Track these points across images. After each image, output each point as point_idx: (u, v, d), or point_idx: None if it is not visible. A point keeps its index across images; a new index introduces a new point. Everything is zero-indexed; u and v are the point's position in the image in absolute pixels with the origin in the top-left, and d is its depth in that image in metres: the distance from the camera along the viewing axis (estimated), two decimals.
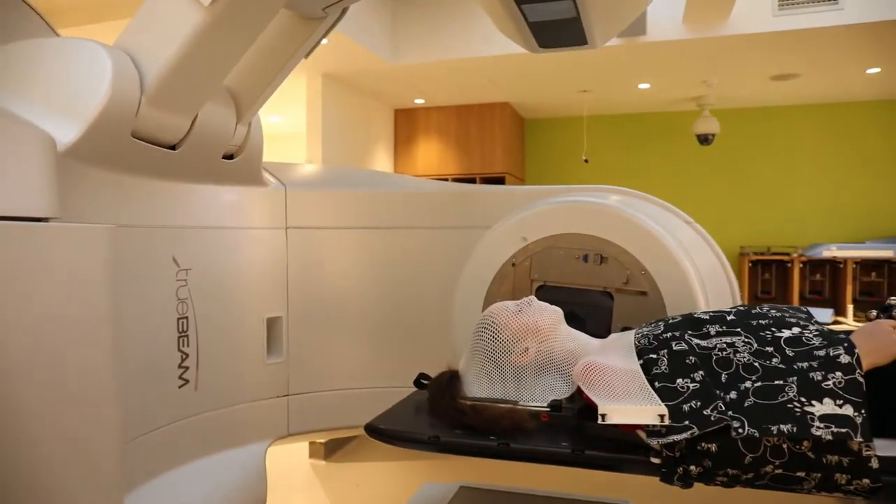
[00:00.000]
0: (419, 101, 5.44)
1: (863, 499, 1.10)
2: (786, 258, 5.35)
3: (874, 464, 1.00)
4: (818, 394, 1.04)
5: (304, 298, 1.96)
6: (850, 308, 5.05)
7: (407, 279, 2.11)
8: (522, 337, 1.34)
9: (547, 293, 1.88)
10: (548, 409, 1.27)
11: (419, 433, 1.23)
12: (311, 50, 1.76)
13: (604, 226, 1.85)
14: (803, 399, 1.03)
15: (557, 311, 1.41)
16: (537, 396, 1.31)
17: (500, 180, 5.32)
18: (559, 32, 1.51)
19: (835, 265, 5.33)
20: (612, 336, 1.43)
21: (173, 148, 1.39)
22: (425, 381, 1.48)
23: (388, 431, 1.26)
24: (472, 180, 5.19)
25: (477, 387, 1.34)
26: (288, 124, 5.28)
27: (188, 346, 1.52)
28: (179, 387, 1.49)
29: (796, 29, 3.53)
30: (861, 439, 1.00)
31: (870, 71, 4.50)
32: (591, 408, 1.25)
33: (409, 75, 4.56)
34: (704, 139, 5.31)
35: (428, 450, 1.21)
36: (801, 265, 5.33)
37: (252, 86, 1.66)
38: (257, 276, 1.83)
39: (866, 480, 1.01)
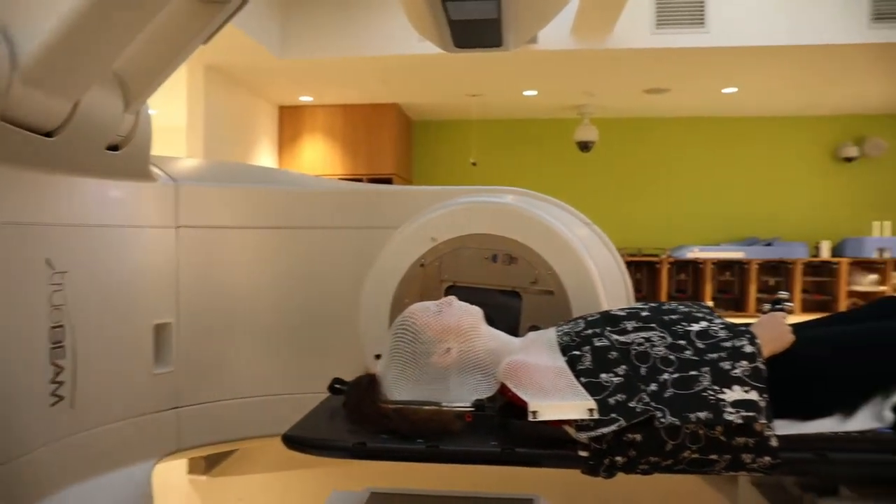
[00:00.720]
0: (306, 99, 5.28)
1: (762, 475, 1.20)
2: (655, 259, 5.78)
3: (774, 442, 1.09)
4: (728, 381, 1.11)
5: (199, 302, 1.83)
6: (709, 304, 5.55)
7: (311, 281, 2.03)
8: (444, 337, 1.32)
9: (456, 293, 1.88)
10: (472, 410, 1.26)
11: (342, 441, 1.18)
12: (210, 36, 1.64)
13: (513, 227, 1.87)
14: (716, 387, 1.10)
15: (478, 311, 1.41)
16: (460, 397, 1.29)
17: (387, 181, 5.29)
18: (477, 33, 1.51)
19: (696, 265, 5.83)
20: (532, 334, 1.45)
21: (50, 135, 1.24)
22: (340, 387, 1.42)
23: (308, 440, 1.19)
24: (359, 181, 5.12)
25: (398, 389, 1.31)
26: (164, 117, 4.91)
27: (63, 358, 1.35)
28: (52, 404, 1.33)
29: (669, 47, 3.82)
30: (764, 421, 1.08)
31: (726, 90, 4.98)
32: (512, 406, 1.26)
33: (296, 71, 4.41)
34: (584, 146, 5.61)
35: (354, 458, 1.16)
36: (668, 266, 5.79)
37: (144, 71, 1.52)
38: (144, 280, 1.68)
39: (767, 458, 1.09)
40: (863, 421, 1.18)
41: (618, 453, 1.10)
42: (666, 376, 1.14)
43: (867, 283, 5.68)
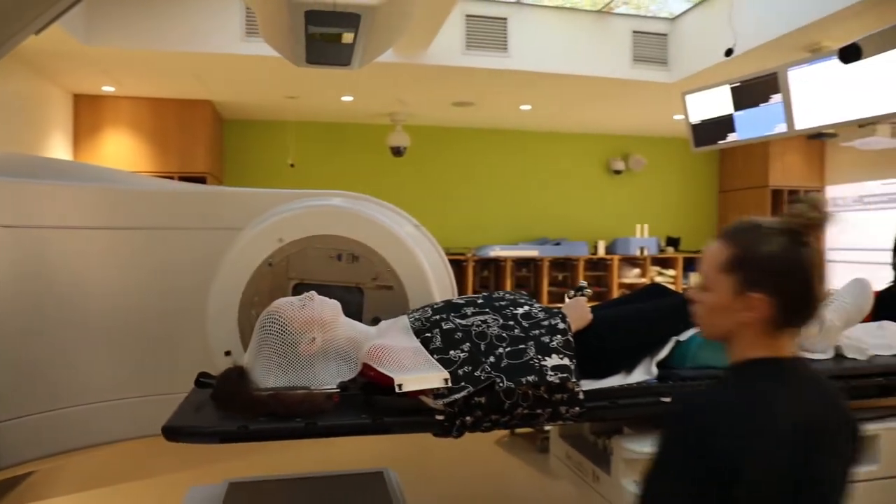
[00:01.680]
0: (108, 89, 4.86)
1: (571, 424, 1.53)
2: (462, 257, 6.27)
3: (581, 396, 1.42)
4: (548, 351, 1.41)
5: (13, 309, 1.73)
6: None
7: (149, 283, 2.00)
8: (309, 329, 1.46)
9: (303, 290, 2.00)
10: (338, 391, 1.42)
11: (226, 426, 1.26)
12: (43, 27, 1.60)
13: (356, 228, 2.04)
14: (540, 356, 1.40)
15: (336, 305, 1.56)
16: (326, 381, 1.44)
17: (200, 180, 5.06)
18: (331, 52, 1.65)
19: (497, 263, 6.45)
20: (384, 322, 1.64)
21: None
22: (206, 380, 1.49)
23: (190, 429, 1.25)
24: (169, 178, 4.85)
25: (268, 377, 1.42)
26: None
27: None
28: None
29: (477, 67, 4.24)
30: (574, 380, 1.40)
31: (523, 107, 5.60)
32: (373, 385, 1.44)
33: (103, 60, 4.06)
34: (397, 151, 5.91)
35: (239, 441, 1.25)
36: (473, 263, 6.32)
37: None
38: None
39: (577, 408, 1.41)
40: (639, 375, 1.56)
41: (467, 414, 1.35)
42: (501, 350, 1.42)
43: (632, 275, 6.75)
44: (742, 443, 0.85)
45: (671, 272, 6.84)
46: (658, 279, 6.79)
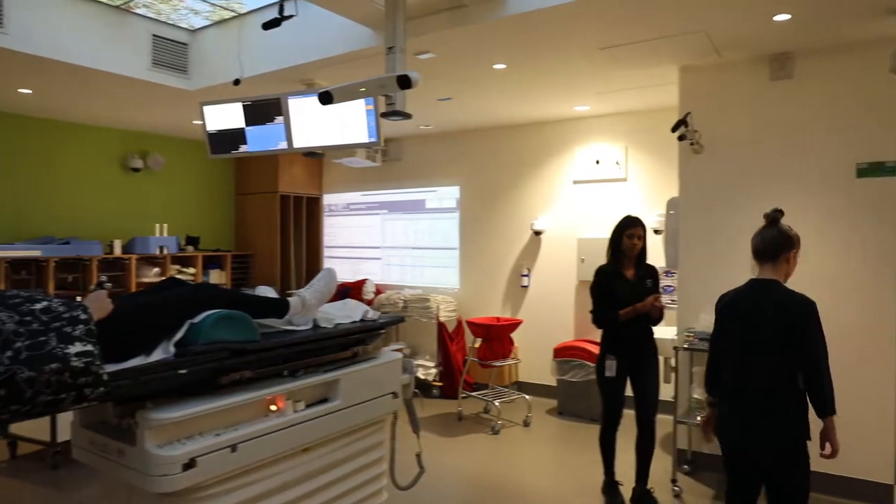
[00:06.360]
0: None
1: (99, 403, 1.67)
2: None
3: (105, 377, 1.60)
4: (71, 340, 1.55)
5: None
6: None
7: None
8: None
9: None
10: None
11: None
12: None
13: None
14: (62, 345, 1.52)
15: None
16: None
17: None
18: None
19: None
20: None
21: None
22: None
23: None
24: None
25: None
26: None
27: None
28: None
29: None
30: (98, 363, 1.57)
31: (22, 91, 4.97)
32: None
33: None
34: None
35: None
36: None
37: None
38: None
39: (102, 388, 1.59)
40: (157, 355, 1.83)
41: None
42: (19, 344, 1.48)
43: (152, 274, 6.69)
44: None
45: (191, 270, 7.06)
46: (179, 277, 6.92)
